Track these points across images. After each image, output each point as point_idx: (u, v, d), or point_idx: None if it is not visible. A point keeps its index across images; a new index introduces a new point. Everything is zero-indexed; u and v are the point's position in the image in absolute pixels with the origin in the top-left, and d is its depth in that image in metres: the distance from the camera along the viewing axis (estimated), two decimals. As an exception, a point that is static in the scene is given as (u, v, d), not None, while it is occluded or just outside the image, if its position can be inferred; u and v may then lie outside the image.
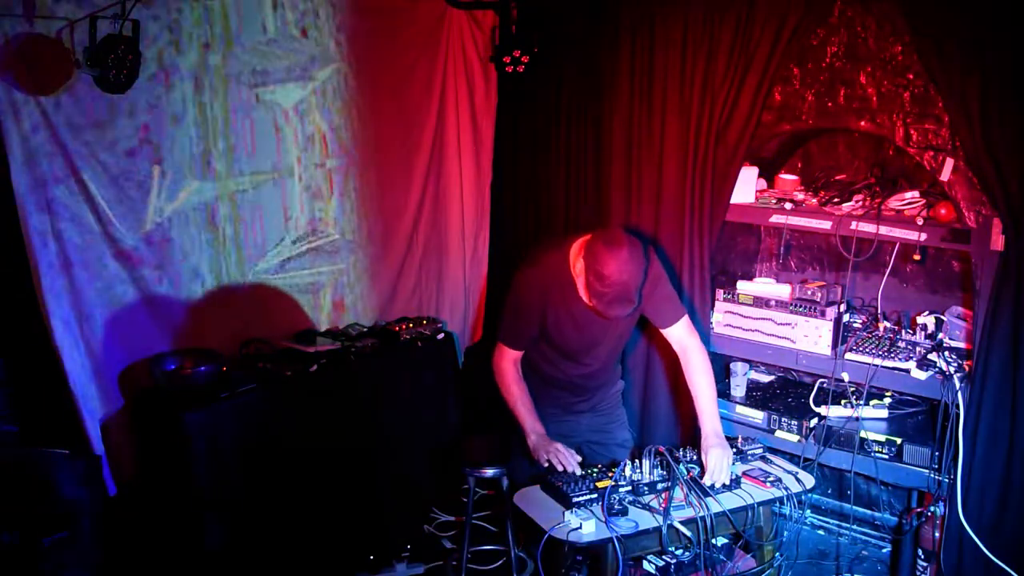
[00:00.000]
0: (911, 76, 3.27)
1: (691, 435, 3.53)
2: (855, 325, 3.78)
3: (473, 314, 4.95)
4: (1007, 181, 2.99)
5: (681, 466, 3.07)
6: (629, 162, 3.97)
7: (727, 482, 3.03)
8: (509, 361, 3.26)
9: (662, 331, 3.30)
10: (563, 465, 3.08)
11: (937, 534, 3.33)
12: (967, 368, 3.27)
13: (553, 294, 3.12)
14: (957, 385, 3.23)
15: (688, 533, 2.89)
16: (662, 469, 3.08)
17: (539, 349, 3.28)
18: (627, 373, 3.88)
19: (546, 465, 3.11)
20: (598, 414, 3.47)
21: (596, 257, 2.89)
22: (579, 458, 3.14)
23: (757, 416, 3.78)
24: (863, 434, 3.49)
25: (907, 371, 3.40)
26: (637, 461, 3.08)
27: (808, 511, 4.07)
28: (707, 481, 3.03)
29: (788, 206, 3.71)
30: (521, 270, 3.20)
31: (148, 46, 3.29)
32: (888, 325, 3.72)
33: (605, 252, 2.88)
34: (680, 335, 3.28)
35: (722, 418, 3.27)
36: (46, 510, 3.07)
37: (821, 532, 4.08)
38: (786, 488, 3.10)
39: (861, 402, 3.54)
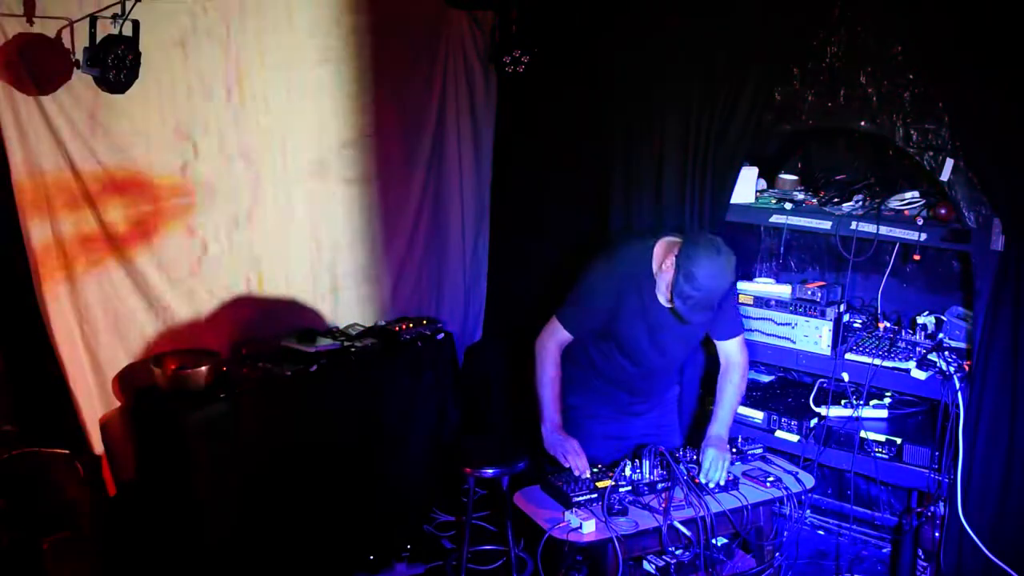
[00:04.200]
0: (911, 76, 3.27)
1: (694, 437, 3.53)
2: (855, 325, 3.78)
3: (473, 314, 4.94)
4: (1007, 181, 2.99)
5: (681, 466, 3.07)
6: (629, 162, 3.97)
7: (722, 482, 3.04)
8: (556, 342, 3.17)
9: (715, 342, 3.29)
10: (578, 469, 3.04)
11: (937, 534, 3.33)
12: (967, 368, 3.27)
13: (629, 291, 3.08)
14: (957, 385, 3.23)
15: (688, 533, 2.90)
16: (662, 469, 3.08)
17: (601, 347, 3.23)
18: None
19: (566, 462, 3.08)
20: (652, 417, 3.43)
21: (691, 259, 2.85)
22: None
23: (757, 416, 3.77)
24: (863, 434, 3.49)
25: (907, 371, 3.40)
26: (637, 461, 3.08)
27: (808, 511, 4.06)
28: (700, 479, 3.03)
29: (788, 206, 3.72)
30: (598, 259, 3.15)
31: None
32: (888, 325, 3.72)
33: (703, 255, 2.85)
34: (731, 351, 3.28)
35: (722, 418, 3.28)
36: (46, 510, 3.07)
37: (821, 532, 4.08)
38: (786, 488, 3.10)
39: (861, 402, 3.54)
